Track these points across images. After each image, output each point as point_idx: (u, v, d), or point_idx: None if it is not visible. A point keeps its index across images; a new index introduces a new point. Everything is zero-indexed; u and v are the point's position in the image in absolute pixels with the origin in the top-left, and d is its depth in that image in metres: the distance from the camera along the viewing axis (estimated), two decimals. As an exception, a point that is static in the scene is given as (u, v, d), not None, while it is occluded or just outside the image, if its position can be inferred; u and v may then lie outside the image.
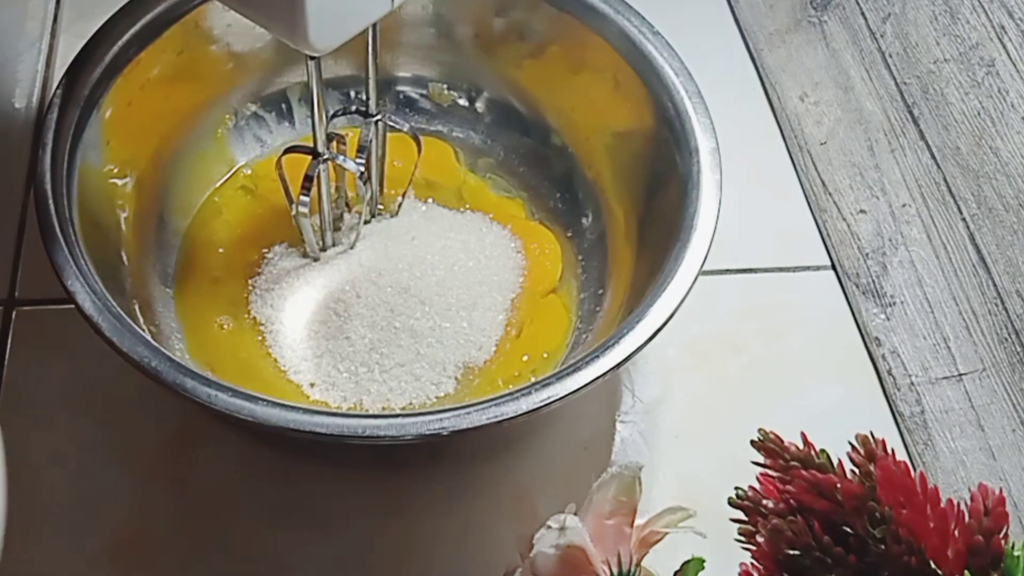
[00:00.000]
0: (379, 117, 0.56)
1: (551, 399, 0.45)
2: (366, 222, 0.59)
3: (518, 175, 0.62)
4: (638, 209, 0.57)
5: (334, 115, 0.56)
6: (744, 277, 0.62)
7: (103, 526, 0.51)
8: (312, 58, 0.49)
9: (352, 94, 0.63)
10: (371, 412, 0.53)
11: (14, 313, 0.57)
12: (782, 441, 0.41)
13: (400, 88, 0.64)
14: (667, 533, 0.43)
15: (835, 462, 0.40)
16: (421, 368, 0.54)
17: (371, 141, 0.56)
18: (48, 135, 0.51)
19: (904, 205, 0.66)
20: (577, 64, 0.59)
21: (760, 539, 0.39)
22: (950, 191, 0.66)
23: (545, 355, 0.56)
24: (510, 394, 0.45)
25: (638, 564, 0.42)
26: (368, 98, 0.55)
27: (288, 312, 0.56)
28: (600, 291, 0.57)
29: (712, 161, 0.52)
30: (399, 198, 0.60)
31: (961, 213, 0.65)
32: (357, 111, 0.56)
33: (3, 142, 0.64)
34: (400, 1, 0.45)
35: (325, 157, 0.53)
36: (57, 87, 0.53)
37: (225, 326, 0.55)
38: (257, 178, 0.61)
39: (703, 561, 0.42)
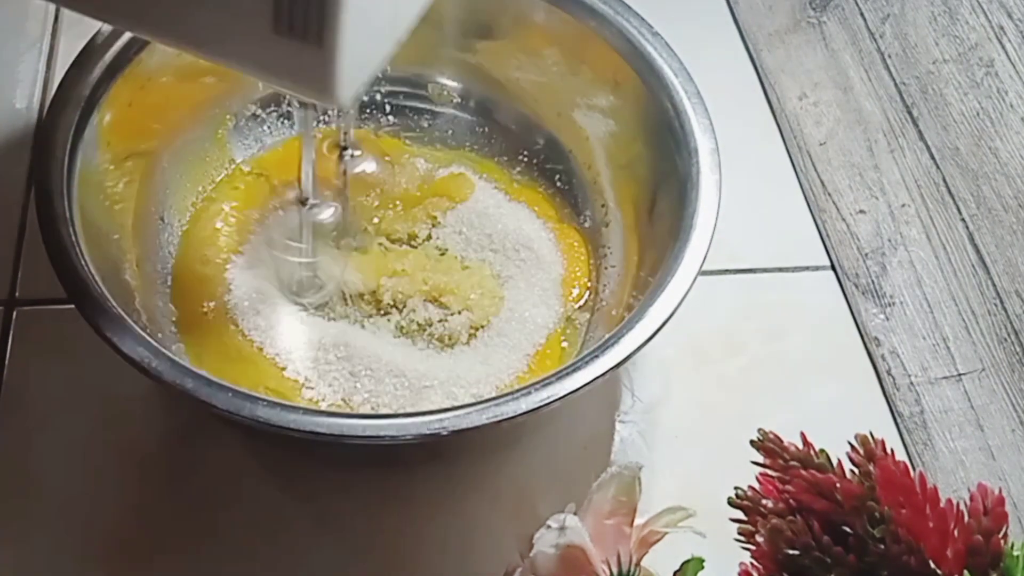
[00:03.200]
0: (351, 152, 0.57)
1: (550, 399, 0.45)
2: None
3: (517, 175, 0.62)
4: (637, 210, 0.57)
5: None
6: (744, 277, 0.62)
7: (103, 526, 0.51)
8: (304, 106, 0.48)
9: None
10: (370, 412, 0.53)
11: (14, 313, 0.57)
12: (781, 441, 0.41)
13: (400, 88, 0.64)
14: (667, 533, 0.44)
15: (834, 462, 0.40)
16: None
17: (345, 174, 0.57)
18: (48, 135, 0.51)
19: (903, 205, 0.66)
20: (577, 65, 0.59)
21: (760, 539, 0.39)
22: (949, 191, 0.66)
23: None
24: (510, 394, 0.45)
25: (638, 564, 0.42)
26: (346, 133, 0.55)
27: (286, 314, 0.56)
28: (599, 291, 0.58)
29: (711, 162, 0.53)
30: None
31: (960, 213, 0.65)
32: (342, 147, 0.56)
33: (4, 142, 0.64)
34: (404, 36, 0.43)
35: (312, 204, 0.54)
36: (58, 87, 0.53)
37: (224, 324, 0.55)
38: (257, 173, 0.61)
39: (703, 561, 0.43)
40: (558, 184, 0.61)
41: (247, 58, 0.40)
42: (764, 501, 0.40)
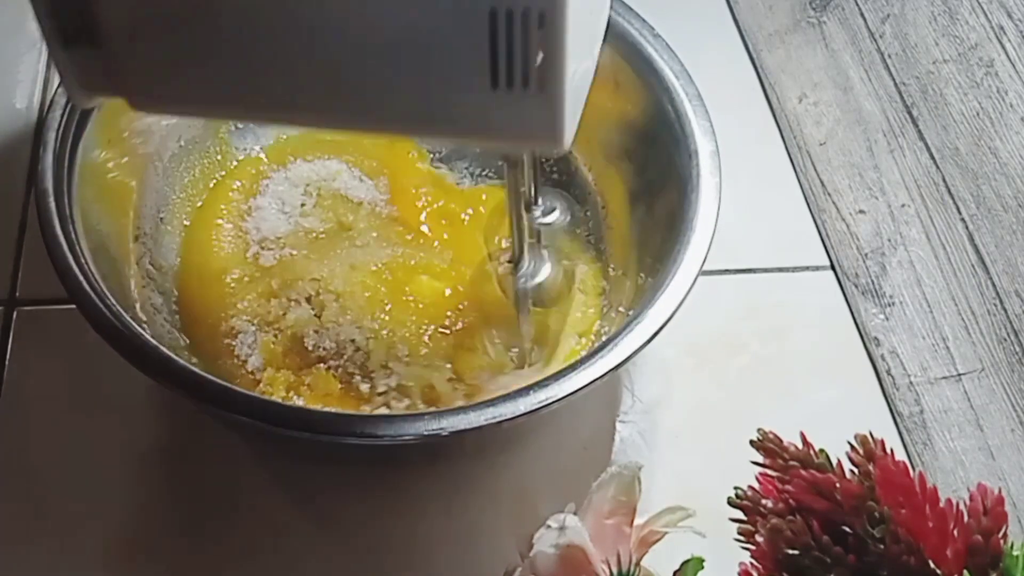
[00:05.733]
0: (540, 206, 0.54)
1: (549, 400, 0.45)
2: None
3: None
4: (637, 211, 0.57)
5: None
6: (744, 277, 0.62)
7: (103, 526, 0.51)
8: (513, 166, 0.47)
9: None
10: (369, 413, 0.53)
11: (15, 313, 0.57)
12: (781, 441, 0.41)
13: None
14: (666, 533, 0.44)
15: (834, 462, 0.40)
16: None
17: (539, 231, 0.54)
18: (49, 134, 0.51)
19: (903, 205, 0.66)
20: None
21: (759, 539, 0.39)
22: (949, 191, 0.66)
23: None
24: (509, 395, 0.45)
25: (638, 564, 0.42)
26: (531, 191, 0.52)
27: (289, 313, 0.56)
28: (599, 292, 0.58)
29: (712, 164, 0.53)
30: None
31: (960, 213, 0.65)
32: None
33: (4, 142, 0.64)
34: (594, 73, 0.42)
35: (525, 266, 0.51)
36: (58, 86, 0.53)
37: (223, 324, 0.55)
38: (258, 172, 0.61)
39: (702, 561, 0.43)
40: (558, 185, 0.61)
41: (465, 123, 0.38)
42: (764, 501, 0.40)
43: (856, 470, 0.40)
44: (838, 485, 0.39)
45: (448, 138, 0.43)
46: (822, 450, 0.40)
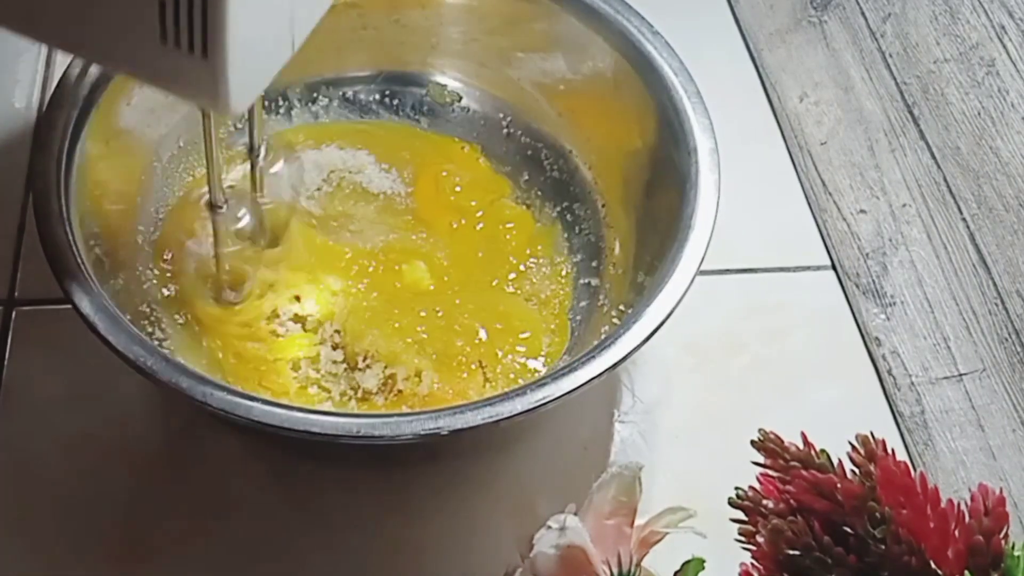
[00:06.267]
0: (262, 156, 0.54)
1: (547, 399, 0.45)
2: None
3: (517, 174, 0.62)
4: (637, 209, 0.57)
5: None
6: (744, 277, 0.62)
7: (102, 526, 0.51)
8: (204, 113, 0.48)
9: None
10: (367, 412, 0.53)
11: (14, 313, 0.57)
12: (782, 441, 0.41)
13: (401, 87, 0.64)
14: (667, 533, 0.43)
15: (835, 462, 0.40)
16: None
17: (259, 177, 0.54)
18: (47, 134, 0.51)
19: (904, 205, 0.66)
20: (577, 64, 0.59)
21: (760, 539, 0.39)
22: (950, 191, 0.66)
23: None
24: (506, 394, 0.45)
25: (638, 564, 0.42)
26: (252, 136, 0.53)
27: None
28: (597, 291, 0.57)
29: (711, 161, 0.52)
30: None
31: (961, 213, 0.65)
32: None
33: (2, 142, 0.64)
34: (300, 44, 0.43)
35: (222, 209, 0.52)
36: (56, 86, 0.53)
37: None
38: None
39: (703, 561, 0.42)
40: (557, 183, 0.61)
41: (137, 66, 0.41)
42: (765, 501, 0.40)
43: (857, 470, 0.39)
44: (839, 485, 0.39)
45: (128, 76, 0.47)
46: (823, 450, 0.40)
